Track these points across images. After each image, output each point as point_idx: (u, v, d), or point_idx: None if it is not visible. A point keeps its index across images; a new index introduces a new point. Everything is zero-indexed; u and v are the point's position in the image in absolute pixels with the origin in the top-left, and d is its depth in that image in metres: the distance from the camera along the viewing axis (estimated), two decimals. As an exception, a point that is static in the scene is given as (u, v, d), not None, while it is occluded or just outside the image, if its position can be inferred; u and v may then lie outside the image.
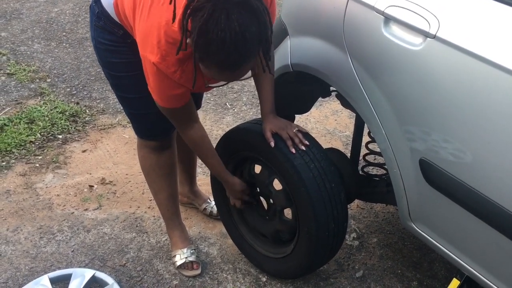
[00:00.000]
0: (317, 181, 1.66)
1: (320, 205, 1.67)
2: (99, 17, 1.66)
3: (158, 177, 1.96)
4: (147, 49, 1.44)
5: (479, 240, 1.45)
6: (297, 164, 1.65)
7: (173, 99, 1.54)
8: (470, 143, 1.36)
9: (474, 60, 1.29)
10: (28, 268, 2.03)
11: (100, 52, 1.72)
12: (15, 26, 3.86)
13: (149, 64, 1.46)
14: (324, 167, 1.68)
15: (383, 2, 1.49)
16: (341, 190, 1.71)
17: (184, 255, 2.01)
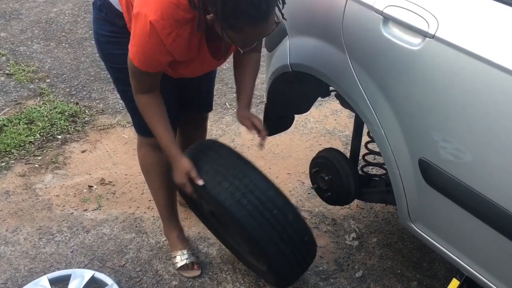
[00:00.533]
0: (254, 215, 1.56)
1: (264, 240, 1.58)
2: (101, 9, 1.67)
3: (158, 176, 1.96)
4: (145, 6, 1.41)
5: (479, 240, 1.44)
6: (228, 205, 1.56)
7: (152, 63, 1.51)
8: (470, 143, 1.36)
9: (473, 60, 1.28)
10: (27, 269, 2.02)
11: (102, 45, 1.73)
12: (14, 27, 3.85)
13: (143, 22, 1.42)
14: (259, 197, 1.57)
15: (382, 2, 1.49)
16: (287, 211, 1.60)
17: (185, 256, 2.01)
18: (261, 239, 1.59)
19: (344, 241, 2.18)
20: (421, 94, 1.44)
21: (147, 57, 1.50)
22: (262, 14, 1.34)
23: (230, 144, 2.75)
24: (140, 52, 1.50)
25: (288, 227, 1.61)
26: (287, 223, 1.61)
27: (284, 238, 1.61)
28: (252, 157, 2.66)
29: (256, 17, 1.34)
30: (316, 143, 2.79)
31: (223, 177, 1.58)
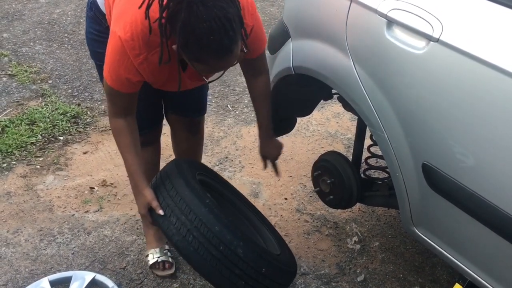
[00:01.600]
0: (200, 252, 1.52)
1: (214, 274, 1.54)
2: (91, 8, 1.72)
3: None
4: (119, 25, 1.44)
5: (482, 245, 1.44)
6: (176, 241, 1.53)
7: (122, 82, 1.52)
8: (473, 147, 1.35)
9: (477, 64, 1.28)
10: (28, 271, 2.02)
11: (89, 42, 1.78)
12: (17, 27, 3.86)
13: (115, 39, 1.45)
14: (205, 233, 1.51)
15: (386, 5, 1.48)
16: (236, 246, 1.53)
17: (157, 254, 2.01)
18: (211, 275, 1.55)
19: (346, 245, 2.17)
20: (425, 97, 1.43)
21: (118, 75, 1.51)
22: (224, 48, 1.34)
23: (231, 146, 2.75)
24: (111, 70, 1.51)
25: (240, 261, 1.54)
26: (237, 258, 1.54)
27: (236, 272, 1.54)
28: (253, 159, 2.66)
29: (219, 51, 1.34)
30: (318, 146, 2.78)
31: (171, 211, 1.55)
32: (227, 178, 2.51)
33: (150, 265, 2.01)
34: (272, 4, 4.44)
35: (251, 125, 2.92)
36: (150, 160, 1.97)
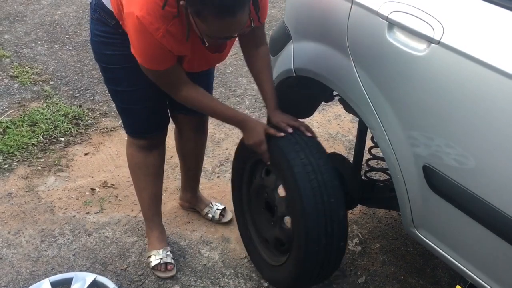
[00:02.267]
0: (314, 192, 1.61)
1: (312, 218, 1.62)
2: (95, 9, 1.70)
3: (143, 176, 1.97)
4: (132, 5, 1.45)
5: (483, 247, 1.44)
6: (297, 172, 1.62)
7: (155, 60, 1.53)
8: (474, 149, 1.35)
9: (478, 66, 1.28)
10: (29, 272, 2.02)
11: (95, 44, 1.76)
12: (18, 29, 3.87)
13: (132, 20, 1.45)
14: (326, 180, 1.63)
15: (387, 7, 1.49)
16: (341, 207, 1.65)
17: (160, 255, 2.01)
18: (310, 214, 1.62)
19: (347, 247, 2.17)
20: (426, 99, 1.43)
21: (148, 54, 1.52)
22: (226, 7, 1.34)
23: (233, 148, 2.75)
24: (140, 51, 1.52)
25: (335, 222, 1.65)
26: (336, 218, 1.65)
27: (327, 228, 1.64)
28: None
29: (222, 9, 1.35)
30: (319, 147, 2.78)
31: (301, 148, 1.65)
32: (228, 180, 2.51)
33: (152, 266, 2.01)
34: (273, 5, 4.44)
35: (252, 127, 2.92)
36: (156, 163, 1.97)
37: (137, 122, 1.86)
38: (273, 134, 1.67)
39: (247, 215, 2.03)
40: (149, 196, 2.01)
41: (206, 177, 2.54)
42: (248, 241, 2.03)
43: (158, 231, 2.06)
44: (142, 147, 1.91)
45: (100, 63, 1.79)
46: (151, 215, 2.04)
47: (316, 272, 1.75)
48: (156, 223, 2.06)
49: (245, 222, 2.04)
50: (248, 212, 2.03)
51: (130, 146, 1.96)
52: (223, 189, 2.47)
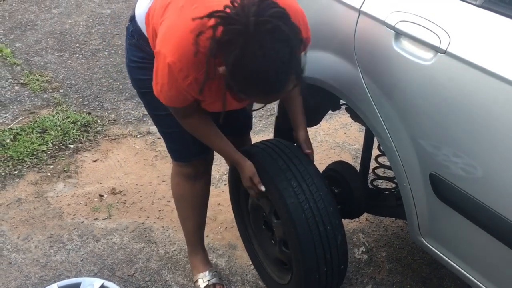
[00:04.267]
0: (309, 223, 1.58)
1: (309, 248, 1.59)
2: (133, 35, 1.68)
3: (189, 207, 1.93)
4: (165, 46, 1.41)
5: (490, 256, 1.44)
6: (290, 203, 1.58)
7: (175, 100, 1.51)
8: (481, 158, 1.36)
9: (485, 75, 1.29)
10: (37, 277, 2.04)
11: (132, 70, 1.73)
12: (29, 37, 3.92)
13: (162, 62, 1.42)
14: (321, 208, 1.60)
15: (394, 17, 1.50)
16: (338, 232, 1.62)
17: (207, 277, 1.98)
18: (307, 246, 1.59)
19: (353, 255, 2.17)
20: (433, 108, 1.44)
21: (169, 96, 1.49)
22: (274, 89, 1.31)
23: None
24: (163, 91, 1.49)
25: (334, 248, 1.63)
26: (334, 244, 1.62)
27: (326, 256, 1.62)
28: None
29: (267, 92, 1.32)
30: (326, 156, 2.79)
31: (293, 175, 1.62)
32: (235, 187, 2.52)
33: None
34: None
35: (259, 135, 2.93)
36: (202, 194, 1.92)
37: (183, 146, 1.79)
38: (256, 183, 1.64)
39: (249, 228, 2.02)
40: (194, 225, 1.97)
41: (213, 185, 2.55)
42: (253, 254, 2.03)
43: (201, 255, 2.02)
44: (188, 177, 1.85)
45: (138, 89, 1.75)
46: (195, 241, 2.00)
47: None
48: (199, 248, 2.02)
49: (248, 235, 2.03)
50: (250, 226, 2.02)
51: (176, 176, 1.89)
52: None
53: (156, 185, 2.55)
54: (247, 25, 1.22)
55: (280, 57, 1.25)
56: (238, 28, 1.24)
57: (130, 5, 4.43)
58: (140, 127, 2.97)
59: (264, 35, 1.23)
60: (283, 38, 1.25)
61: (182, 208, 1.96)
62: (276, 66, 1.26)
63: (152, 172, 2.63)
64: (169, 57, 1.39)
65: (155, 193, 2.50)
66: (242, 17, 1.24)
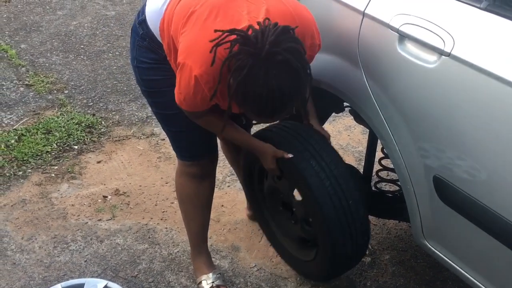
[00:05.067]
0: (333, 200, 1.64)
1: (334, 224, 1.66)
2: (144, 38, 1.68)
3: (193, 207, 1.94)
4: (190, 58, 1.45)
5: (493, 259, 1.43)
6: (312, 182, 1.64)
7: (198, 107, 1.55)
8: (485, 161, 1.36)
9: (489, 78, 1.29)
10: (41, 277, 2.05)
11: (142, 71, 1.74)
12: (34, 38, 3.94)
13: (188, 74, 1.45)
14: (341, 184, 1.65)
15: (398, 19, 1.51)
16: (360, 205, 1.69)
17: (210, 279, 1.98)
18: (332, 222, 1.65)
19: (357, 257, 2.16)
20: (436, 111, 1.44)
21: (194, 104, 1.53)
22: (267, 113, 1.39)
23: (243, 157, 2.77)
24: (187, 100, 1.52)
25: (357, 221, 1.69)
26: (357, 217, 1.68)
27: (351, 230, 1.68)
28: (265, 171, 2.67)
29: (260, 113, 1.40)
30: (329, 158, 2.79)
31: (311, 155, 1.66)
32: (238, 189, 2.53)
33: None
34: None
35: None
36: (206, 193, 1.93)
37: (191, 145, 1.81)
38: (280, 155, 1.69)
39: (265, 212, 2.07)
40: (198, 226, 1.98)
41: (216, 186, 2.54)
42: (272, 237, 2.08)
43: (205, 256, 2.03)
44: (194, 176, 1.86)
45: (147, 88, 1.76)
46: (199, 242, 2.01)
47: (347, 264, 1.85)
48: (203, 249, 2.02)
49: (265, 218, 2.08)
50: (266, 209, 2.06)
51: (181, 175, 1.90)
52: (233, 198, 2.49)
53: (159, 186, 2.55)
54: (260, 51, 1.30)
55: (281, 87, 1.32)
56: (251, 51, 1.31)
57: (135, 7, 4.44)
58: (144, 128, 2.98)
59: (271, 64, 1.31)
60: (290, 72, 1.33)
61: (187, 209, 1.96)
62: (274, 94, 1.32)
63: (156, 173, 2.63)
64: (196, 69, 1.43)
65: (159, 194, 2.50)
66: (259, 42, 1.31)
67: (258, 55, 1.30)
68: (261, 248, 2.22)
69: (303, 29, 1.48)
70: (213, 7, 1.46)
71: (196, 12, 1.48)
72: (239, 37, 1.35)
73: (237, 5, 1.46)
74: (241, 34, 1.35)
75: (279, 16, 1.44)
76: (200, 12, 1.47)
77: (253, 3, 1.47)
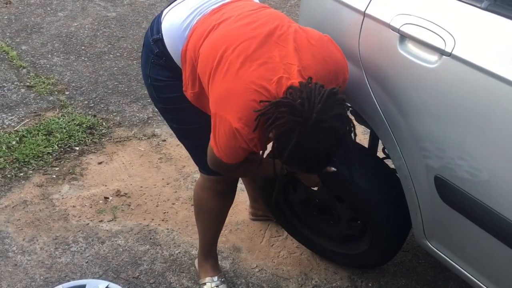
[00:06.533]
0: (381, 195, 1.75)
1: (388, 215, 1.77)
2: (159, 56, 1.62)
3: (213, 220, 1.92)
4: (226, 110, 1.41)
5: (495, 259, 1.43)
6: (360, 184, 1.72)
7: (239, 157, 1.51)
8: (486, 160, 1.36)
9: (490, 78, 1.29)
10: (43, 278, 2.05)
11: (159, 89, 1.68)
12: (35, 40, 3.94)
13: (228, 127, 1.41)
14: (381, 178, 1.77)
15: (399, 20, 1.51)
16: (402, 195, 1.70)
17: (215, 283, 1.97)
18: (386, 213, 1.77)
19: (358, 258, 2.16)
20: (438, 111, 1.44)
21: (234, 155, 1.49)
22: (312, 172, 1.48)
23: (244, 158, 2.78)
24: (226, 151, 1.48)
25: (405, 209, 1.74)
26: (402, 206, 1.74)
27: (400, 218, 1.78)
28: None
29: (306, 171, 1.48)
30: (330, 158, 2.79)
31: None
32: (240, 190, 2.52)
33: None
34: (286, 18, 4.48)
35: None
36: (228, 206, 1.92)
37: None
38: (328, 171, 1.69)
39: (294, 221, 2.11)
40: (215, 233, 1.97)
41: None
42: (305, 239, 2.13)
43: (213, 259, 2.02)
44: (219, 192, 1.82)
45: (166, 106, 1.71)
46: (209, 247, 2.00)
47: (399, 247, 1.95)
48: (213, 251, 2.02)
49: (294, 226, 2.12)
50: (295, 219, 2.10)
51: (205, 190, 1.84)
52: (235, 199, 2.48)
53: (160, 187, 2.55)
54: (307, 120, 1.29)
55: (327, 150, 1.35)
56: (298, 120, 1.30)
57: (135, 8, 4.45)
58: (145, 129, 2.98)
59: (319, 130, 1.30)
60: (337, 137, 1.34)
61: (205, 220, 1.93)
62: (319, 158, 1.35)
63: (157, 174, 2.64)
64: (235, 123, 1.39)
65: (160, 195, 2.50)
66: (306, 110, 1.29)
67: (306, 124, 1.29)
68: (263, 249, 2.22)
69: (336, 69, 1.49)
70: (245, 53, 1.41)
71: (228, 59, 1.42)
72: (287, 107, 1.31)
73: (269, 50, 1.42)
74: (288, 105, 1.31)
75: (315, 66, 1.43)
76: (232, 59, 1.42)
77: (284, 46, 1.43)
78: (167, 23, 1.61)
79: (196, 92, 1.59)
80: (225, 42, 1.45)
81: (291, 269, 2.11)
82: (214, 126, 1.46)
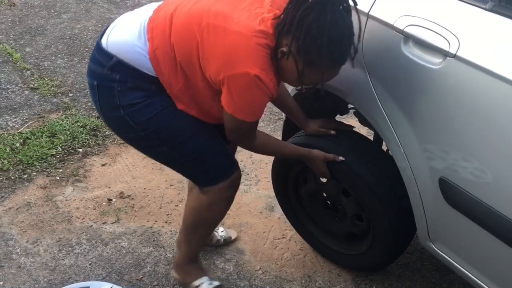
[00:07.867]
0: (391, 191, 1.72)
1: (393, 215, 1.75)
2: (124, 81, 1.55)
3: (209, 228, 1.91)
4: (236, 65, 1.41)
5: (500, 262, 1.42)
6: (368, 179, 1.72)
7: (259, 111, 1.52)
8: (491, 162, 1.35)
9: (494, 79, 1.28)
10: (46, 280, 2.05)
11: (137, 112, 1.57)
12: (39, 42, 3.96)
13: (246, 79, 1.41)
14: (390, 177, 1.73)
15: (403, 21, 1.50)
16: (406, 196, 1.69)
17: (209, 281, 1.94)
18: (391, 212, 1.75)
19: (362, 260, 2.15)
20: (442, 113, 1.43)
21: (259, 108, 1.51)
22: (344, 57, 1.44)
23: (247, 160, 2.77)
24: (251, 108, 1.49)
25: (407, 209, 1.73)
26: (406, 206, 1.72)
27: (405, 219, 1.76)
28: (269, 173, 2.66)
29: (338, 59, 1.44)
30: (334, 160, 2.78)
31: (362, 154, 1.78)
32: (243, 192, 2.53)
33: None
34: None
35: (267, 139, 2.93)
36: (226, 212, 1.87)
37: (217, 160, 1.70)
38: (332, 159, 1.76)
39: (300, 214, 2.12)
40: (202, 240, 1.96)
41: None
42: (311, 237, 2.13)
43: (200, 262, 2.02)
44: (231, 198, 1.77)
45: (146, 129, 1.60)
46: (197, 253, 1.98)
47: (403, 250, 1.94)
48: (198, 257, 1.99)
49: (300, 221, 2.13)
50: (302, 212, 2.12)
51: (218, 202, 1.76)
52: (238, 200, 2.49)
53: (164, 189, 2.55)
54: None
55: (349, 27, 1.41)
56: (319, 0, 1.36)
57: (139, 10, 4.45)
58: (149, 131, 2.98)
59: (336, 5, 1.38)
60: (348, 9, 1.41)
61: (205, 231, 1.91)
62: (349, 33, 1.41)
63: (160, 176, 2.64)
64: (252, 70, 1.40)
65: (163, 197, 2.50)
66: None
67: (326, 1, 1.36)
68: (266, 251, 2.22)
69: None
70: (221, 12, 1.45)
71: (208, 25, 1.44)
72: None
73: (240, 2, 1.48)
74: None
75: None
76: (212, 23, 1.44)
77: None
78: (115, 44, 1.58)
79: (182, 86, 1.56)
80: (194, 17, 1.48)
81: (295, 271, 2.11)
82: (228, 91, 1.46)
